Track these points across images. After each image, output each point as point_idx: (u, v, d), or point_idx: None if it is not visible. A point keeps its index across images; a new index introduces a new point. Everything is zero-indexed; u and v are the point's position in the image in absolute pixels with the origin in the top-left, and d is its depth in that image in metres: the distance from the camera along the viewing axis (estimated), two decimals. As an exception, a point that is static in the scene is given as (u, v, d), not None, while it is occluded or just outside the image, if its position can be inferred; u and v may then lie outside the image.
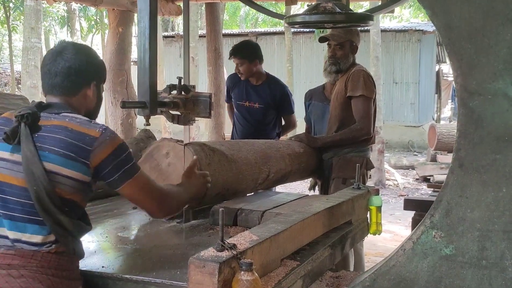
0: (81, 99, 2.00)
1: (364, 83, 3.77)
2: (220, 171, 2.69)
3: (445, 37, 1.84)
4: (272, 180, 3.27)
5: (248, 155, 3.03)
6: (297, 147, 3.72)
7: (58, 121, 1.86)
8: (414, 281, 1.92)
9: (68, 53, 1.96)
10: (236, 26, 27.71)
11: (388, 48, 16.70)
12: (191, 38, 10.12)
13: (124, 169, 1.90)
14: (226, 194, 2.79)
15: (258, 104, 4.56)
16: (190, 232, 2.41)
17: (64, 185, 1.81)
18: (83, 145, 1.82)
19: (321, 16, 2.86)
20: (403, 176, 11.28)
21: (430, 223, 1.90)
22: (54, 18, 25.10)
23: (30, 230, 1.80)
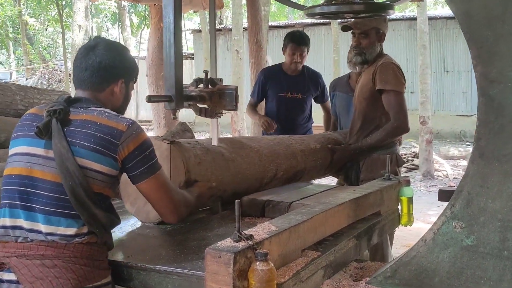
0: (108, 95, 2.03)
1: (395, 76, 3.57)
2: (214, 171, 2.54)
3: (464, 24, 1.80)
4: (282, 179, 3.08)
5: (251, 153, 2.86)
6: (312, 142, 3.51)
7: (87, 116, 1.90)
8: (435, 271, 1.90)
9: (100, 48, 2.00)
10: (284, 18, 27.66)
11: (438, 36, 16.32)
12: (235, 31, 10.19)
13: (147, 165, 1.93)
14: (224, 196, 2.63)
15: (301, 94, 4.54)
16: (217, 224, 2.45)
17: (95, 179, 1.86)
18: (111, 139, 1.86)
19: (340, 7, 2.83)
20: (453, 167, 11.03)
21: (450, 214, 1.88)
22: (106, 15, 25.69)
23: (65, 223, 1.84)
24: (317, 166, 3.47)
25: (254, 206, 2.59)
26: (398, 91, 3.56)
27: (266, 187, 2.95)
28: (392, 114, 3.56)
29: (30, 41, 27.49)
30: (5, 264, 1.82)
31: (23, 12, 24.38)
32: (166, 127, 5.94)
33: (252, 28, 6.78)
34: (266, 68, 4.81)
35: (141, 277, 1.91)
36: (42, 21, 27.15)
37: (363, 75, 3.75)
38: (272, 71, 4.66)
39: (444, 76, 16.49)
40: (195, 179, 2.40)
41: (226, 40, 17.67)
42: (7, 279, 1.81)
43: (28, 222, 1.84)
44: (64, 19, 18.69)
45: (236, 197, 2.59)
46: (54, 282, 1.77)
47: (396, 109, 3.55)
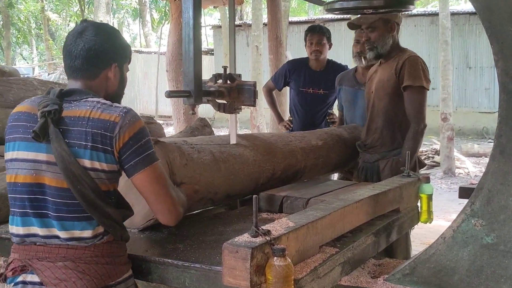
0: (102, 82, 1.93)
1: (423, 72, 3.36)
2: (203, 172, 2.36)
3: (485, 20, 1.78)
4: (280, 178, 2.90)
5: (245, 151, 2.67)
6: (314, 139, 3.32)
7: (80, 111, 1.80)
8: (454, 269, 1.88)
9: (88, 33, 1.88)
10: (305, 13, 27.56)
11: (461, 32, 16.12)
12: (255, 27, 10.17)
13: (143, 155, 1.82)
14: (215, 199, 2.48)
15: (323, 90, 4.51)
16: (236, 219, 2.45)
17: (100, 178, 1.80)
18: (105, 132, 1.78)
19: (359, 2, 2.81)
20: (475, 164, 10.90)
21: (470, 211, 1.86)
22: (127, 10, 25.85)
23: (79, 227, 1.80)
24: (319, 164, 3.29)
25: (272, 202, 2.59)
26: (425, 88, 3.38)
27: (262, 187, 2.77)
28: (413, 114, 3.38)
29: (52, 37, 27.79)
30: (27, 267, 1.82)
31: (46, 8, 24.65)
32: (185, 123, 5.97)
33: (272, 23, 6.78)
34: (293, 60, 4.80)
35: (159, 271, 1.92)
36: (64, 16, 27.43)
37: (380, 69, 3.57)
38: (298, 65, 4.63)
39: (466, 72, 16.29)
40: (181, 182, 2.24)
41: (245, 36, 17.65)
42: (30, 281, 1.80)
43: (43, 229, 1.81)
44: (86, 15, 18.84)
45: (229, 200, 2.60)
46: (78, 283, 1.76)
47: (417, 108, 3.37)
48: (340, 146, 3.52)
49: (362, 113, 3.94)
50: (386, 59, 3.52)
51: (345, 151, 3.57)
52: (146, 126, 1.89)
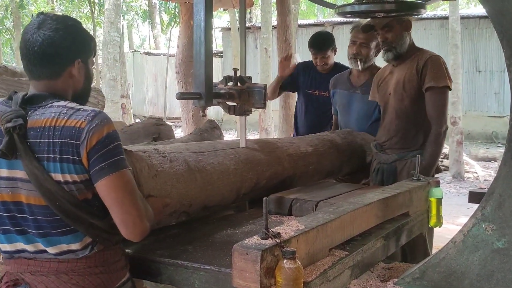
0: (67, 80, 1.77)
1: (446, 71, 3.27)
2: (175, 183, 2.18)
3: (497, 24, 1.77)
4: (265, 187, 2.72)
5: (225, 159, 2.50)
6: (303, 145, 3.15)
7: (45, 120, 1.66)
8: (464, 274, 1.87)
9: (46, 29, 1.71)
10: (314, 16, 27.56)
11: (471, 35, 16.06)
12: (264, 29, 10.19)
13: (110, 161, 1.66)
14: (190, 211, 2.31)
15: (328, 93, 4.50)
16: (245, 221, 2.46)
17: (78, 190, 1.68)
18: (71, 141, 1.64)
19: (371, 6, 2.80)
20: (484, 169, 10.85)
21: (481, 216, 1.85)
22: (137, 12, 25.93)
23: (65, 241, 1.72)
24: (309, 172, 3.10)
25: (281, 204, 2.59)
26: (449, 88, 3.30)
27: (245, 197, 2.65)
28: (435, 116, 3.28)
29: (62, 38, 27.87)
30: (19, 281, 1.75)
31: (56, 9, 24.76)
32: (194, 124, 5.98)
33: (281, 26, 6.78)
34: (302, 62, 4.78)
35: (168, 272, 1.92)
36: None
37: (397, 70, 3.47)
38: (306, 67, 4.59)
39: (476, 76, 16.22)
40: (149, 194, 2.04)
41: (255, 38, 17.67)
42: None
43: (30, 245, 1.73)
44: (95, 16, 18.93)
45: (207, 212, 2.46)
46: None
47: (439, 110, 3.28)
48: (332, 152, 3.35)
49: (357, 117, 3.90)
50: (403, 60, 3.43)
51: (337, 158, 3.40)
52: (117, 130, 1.75)
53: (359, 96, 3.91)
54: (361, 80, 3.94)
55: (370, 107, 3.85)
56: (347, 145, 3.55)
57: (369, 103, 3.82)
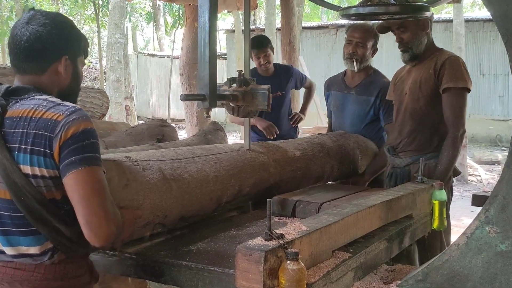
0: (52, 77, 1.74)
1: (465, 71, 3.16)
2: (148, 194, 2.04)
3: (502, 27, 1.77)
4: (249, 195, 2.63)
5: (205, 167, 2.36)
6: (291, 150, 3.00)
7: (23, 110, 1.63)
8: (468, 276, 1.87)
9: (34, 24, 1.69)
10: (318, 19, 27.58)
11: (475, 39, 16.06)
12: (269, 32, 10.20)
13: (80, 156, 1.58)
14: (166, 222, 2.18)
15: (279, 92, 4.51)
16: (248, 223, 2.46)
17: (44, 186, 1.61)
18: (45, 133, 1.58)
19: (375, 8, 2.79)
20: (488, 172, 10.83)
21: (485, 218, 1.85)
22: (141, 14, 25.99)
23: (25, 242, 1.63)
24: (297, 177, 2.97)
25: (284, 206, 2.59)
26: (467, 90, 3.19)
27: (227, 206, 2.54)
28: (452, 118, 3.17)
29: (66, 40, 27.97)
30: None
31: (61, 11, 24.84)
32: (198, 126, 5.99)
33: (286, 28, 6.79)
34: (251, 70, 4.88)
35: (172, 273, 1.93)
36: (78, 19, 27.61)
37: (415, 70, 3.37)
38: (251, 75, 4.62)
39: (480, 79, 16.21)
40: (119, 206, 1.88)
41: (259, 41, 17.67)
42: None
43: None
44: (100, 18, 18.98)
45: (184, 222, 2.30)
46: None
47: (457, 112, 3.17)
48: (322, 156, 3.21)
49: (351, 119, 3.81)
50: (421, 59, 3.34)
51: (328, 162, 3.26)
52: (96, 131, 1.68)
53: (353, 97, 3.82)
54: (355, 81, 3.85)
55: (364, 108, 3.78)
56: (339, 148, 3.42)
57: (363, 104, 3.77)
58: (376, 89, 3.75)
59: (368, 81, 3.81)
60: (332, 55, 17.33)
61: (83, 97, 3.88)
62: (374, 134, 3.81)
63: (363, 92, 3.78)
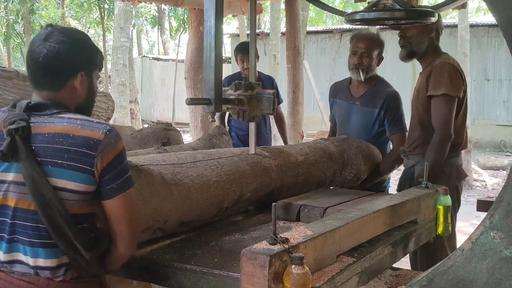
0: (69, 92, 1.79)
1: (449, 78, 3.20)
2: (148, 198, 2.04)
3: (507, 33, 1.78)
4: (251, 200, 2.62)
5: (206, 171, 2.35)
6: (293, 154, 2.96)
7: (56, 127, 1.68)
8: (472, 282, 1.87)
9: (52, 40, 1.74)
10: (322, 23, 27.60)
11: (479, 44, 16.04)
12: (273, 36, 10.22)
13: (122, 179, 1.72)
14: (165, 228, 2.16)
15: None
16: (253, 227, 2.46)
17: (71, 201, 1.68)
18: (87, 150, 1.66)
19: (380, 13, 2.80)
20: (493, 177, 10.81)
21: (489, 224, 1.85)
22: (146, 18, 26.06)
23: (43, 254, 1.69)
24: (299, 182, 2.93)
25: (289, 210, 2.60)
26: (450, 96, 3.21)
27: (228, 211, 2.52)
28: (435, 124, 3.26)
29: (72, 43, 28.06)
30: None
31: (66, 15, 24.93)
32: (202, 130, 5.99)
33: (290, 33, 6.78)
34: (228, 76, 4.96)
35: (177, 276, 1.94)
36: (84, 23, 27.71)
37: (420, 76, 3.46)
38: (232, 78, 4.60)
39: (484, 85, 16.18)
40: None
41: (263, 45, 17.70)
42: None
43: (6, 255, 1.71)
44: (105, 22, 19.04)
45: (184, 228, 2.29)
46: None
47: (440, 118, 3.24)
48: (324, 161, 3.16)
49: (357, 130, 3.75)
50: (424, 65, 3.44)
51: (330, 167, 3.21)
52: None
53: (358, 108, 3.78)
54: (360, 91, 3.79)
55: (369, 119, 3.73)
56: (341, 153, 3.37)
57: (368, 116, 3.73)
58: (381, 100, 3.69)
59: (373, 91, 3.76)
60: (336, 59, 17.32)
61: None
62: (379, 146, 3.74)
63: (368, 103, 3.73)
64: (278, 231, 1.73)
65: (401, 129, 3.71)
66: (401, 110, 3.72)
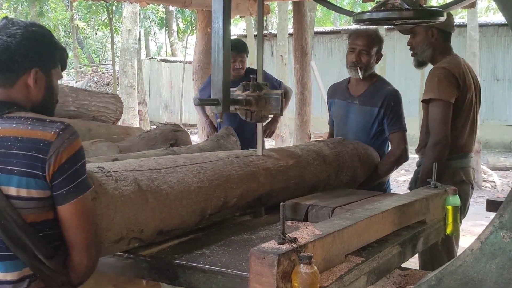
0: (23, 90, 1.66)
1: (438, 82, 3.24)
2: (121, 207, 1.90)
3: (515, 31, 1.77)
4: (238, 206, 2.48)
5: (187, 177, 2.21)
6: (283, 158, 2.80)
7: (5, 130, 1.56)
8: (482, 282, 1.86)
9: (4, 33, 1.62)
10: (330, 24, 27.57)
11: (489, 44, 15.97)
12: (281, 37, 10.22)
13: (77, 182, 1.59)
14: (142, 237, 2.02)
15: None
16: (261, 227, 2.47)
17: (28, 209, 1.56)
18: (37, 154, 1.53)
19: (389, 13, 2.79)
20: (502, 178, 10.75)
21: (499, 223, 1.84)
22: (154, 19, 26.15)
23: (2, 267, 1.57)
24: (290, 186, 2.78)
25: (297, 210, 2.59)
26: (442, 101, 3.25)
27: (212, 218, 2.37)
28: (430, 128, 3.33)
29: (80, 45, 28.22)
30: None
31: (75, 17, 25.07)
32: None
33: (298, 34, 6.80)
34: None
35: (186, 275, 1.94)
36: (92, 25, 27.86)
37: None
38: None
39: (494, 85, 16.11)
40: None
41: (271, 46, 17.71)
42: None
43: None
44: (113, 24, 19.12)
45: (164, 237, 2.15)
46: None
47: (432, 123, 3.31)
48: (317, 164, 3.00)
49: (355, 130, 3.66)
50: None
51: (324, 170, 3.05)
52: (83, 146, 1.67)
53: (356, 107, 3.68)
54: (359, 89, 3.70)
55: (368, 119, 3.63)
56: (336, 156, 3.19)
57: (367, 115, 3.63)
58: (380, 99, 3.60)
59: (373, 90, 3.67)
60: (344, 60, 17.26)
61: (97, 102, 3.92)
62: (377, 147, 3.65)
63: (367, 102, 3.65)
64: (286, 231, 1.73)
65: (401, 128, 3.61)
66: (401, 109, 3.63)
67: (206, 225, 2.40)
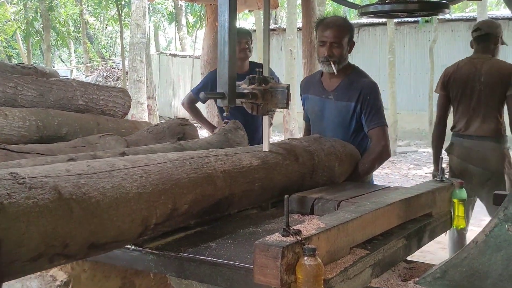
0: None
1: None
2: (34, 219, 1.58)
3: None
4: (191, 213, 2.18)
5: (125, 182, 1.91)
6: (247, 158, 2.52)
7: None
8: (487, 274, 1.87)
9: None
10: (340, 18, 27.46)
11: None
12: (290, 31, 10.21)
13: None
14: (67, 253, 1.69)
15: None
16: (267, 220, 2.48)
17: None
18: None
19: (394, 6, 2.79)
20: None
21: (503, 216, 1.85)
22: (163, 14, 26.20)
23: None
24: (255, 189, 2.51)
25: (303, 203, 2.61)
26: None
27: (160, 227, 2.05)
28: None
29: (90, 40, 28.35)
30: None
31: (84, 12, 25.17)
32: (218, 125, 6.02)
33: (307, 28, 6.79)
34: (214, 71, 4.65)
35: (191, 268, 1.96)
36: (102, 20, 27.96)
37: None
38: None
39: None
40: None
41: (280, 40, 17.69)
42: None
43: None
44: (122, 19, 19.17)
45: (99, 251, 1.84)
46: None
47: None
48: (288, 164, 2.74)
49: (333, 127, 3.45)
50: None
51: (296, 170, 2.79)
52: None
53: (332, 103, 3.45)
54: (333, 84, 3.47)
55: (345, 115, 3.42)
56: (311, 155, 2.93)
57: (344, 111, 3.41)
58: (356, 92, 3.38)
59: (347, 83, 3.44)
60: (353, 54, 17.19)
61: (106, 96, 3.93)
62: (358, 144, 3.44)
63: (342, 97, 3.42)
64: (292, 224, 1.75)
65: (379, 124, 3.37)
66: (379, 102, 3.40)
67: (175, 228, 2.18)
